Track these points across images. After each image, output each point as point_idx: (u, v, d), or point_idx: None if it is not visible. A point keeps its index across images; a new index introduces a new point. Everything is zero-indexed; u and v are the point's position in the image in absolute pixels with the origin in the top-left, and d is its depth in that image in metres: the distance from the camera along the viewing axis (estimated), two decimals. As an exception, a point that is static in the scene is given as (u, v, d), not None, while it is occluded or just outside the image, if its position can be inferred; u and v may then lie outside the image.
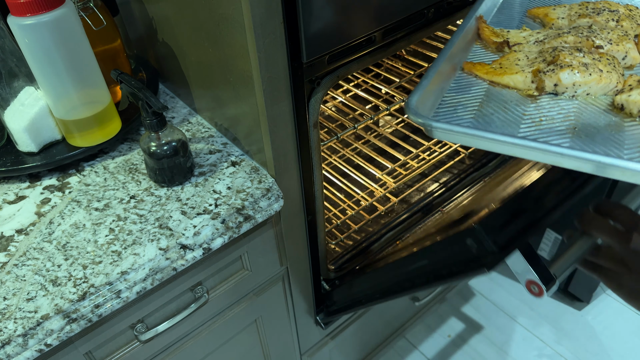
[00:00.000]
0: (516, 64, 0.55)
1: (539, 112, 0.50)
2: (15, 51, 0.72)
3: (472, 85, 0.56)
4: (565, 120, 0.49)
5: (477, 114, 0.52)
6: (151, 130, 0.69)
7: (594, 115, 0.49)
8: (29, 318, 0.59)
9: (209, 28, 0.68)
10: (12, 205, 0.73)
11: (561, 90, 0.51)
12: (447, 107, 0.54)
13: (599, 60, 0.52)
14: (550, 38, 0.58)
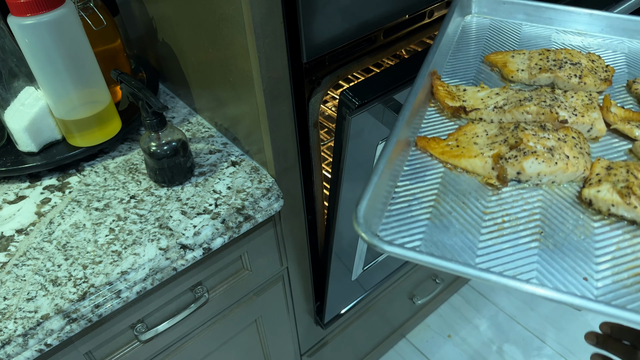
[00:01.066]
0: (475, 142, 0.49)
1: (501, 209, 0.45)
2: (15, 51, 0.72)
3: (427, 169, 0.50)
4: (530, 220, 0.45)
5: (433, 213, 0.46)
6: (151, 130, 0.69)
7: (560, 211, 0.45)
8: (29, 318, 0.59)
9: (209, 28, 0.68)
10: (12, 205, 0.73)
11: (524, 179, 0.46)
12: (401, 202, 0.47)
13: (565, 141, 0.47)
14: (510, 105, 0.53)
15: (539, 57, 0.59)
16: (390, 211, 0.46)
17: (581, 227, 0.44)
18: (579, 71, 0.57)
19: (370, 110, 0.67)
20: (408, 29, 0.78)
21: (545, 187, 0.46)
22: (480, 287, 1.67)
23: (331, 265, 0.92)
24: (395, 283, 1.25)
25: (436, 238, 0.44)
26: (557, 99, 0.52)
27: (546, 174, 0.46)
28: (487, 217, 0.45)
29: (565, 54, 0.59)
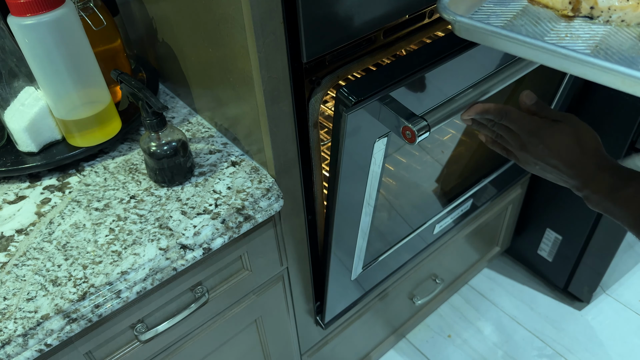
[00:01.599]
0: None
1: (567, 30, 0.51)
2: (15, 51, 0.72)
3: (512, 0, 0.58)
4: (590, 39, 0.49)
5: (507, 24, 0.54)
6: (151, 130, 0.69)
7: (621, 40, 0.48)
8: (29, 318, 0.59)
9: (209, 28, 0.68)
10: (12, 205, 0.73)
11: (596, 14, 0.50)
12: (481, 14, 0.56)
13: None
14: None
15: None
16: (470, 18, 0.55)
17: (636, 49, 0.47)
18: None
19: (367, 108, 0.67)
20: (408, 29, 0.78)
21: (614, 24, 0.50)
22: (481, 287, 1.67)
23: (330, 264, 0.92)
24: (395, 283, 1.25)
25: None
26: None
27: (617, 10, 0.49)
28: (552, 33, 0.51)
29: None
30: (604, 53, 0.47)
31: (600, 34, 0.50)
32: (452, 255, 1.42)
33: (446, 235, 1.27)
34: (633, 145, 1.24)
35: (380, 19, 0.72)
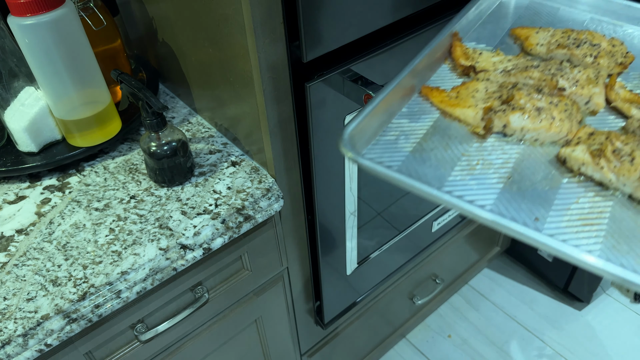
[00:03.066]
0: (472, 96, 0.52)
1: (479, 155, 0.48)
2: (15, 51, 0.72)
3: (424, 113, 0.53)
4: (502, 167, 0.47)
5: (416, 148, 0.50)
6: (151, 130, 0.69)
7: (534, 164, 0.47)
8: (29, 318, 0.59)
9: (209, 28, 0.68)
10: (12, 205, 0.73)
11: (509, 133, 0.48)
12: (391, 134, 0.51)
13: (556, 105, 0.49)
14: (517, 70, 0.54)
15: (561, 35, 0.60)
16: (378, 140, 0.51)
17: (549, 180, 0.46)
18: (595, 52, 0.57)
19: (327, 80, 0.70)
20: (408, 29, 0.78)
21: (527, 144, 0.48)
22: (481, 287, 1.67)
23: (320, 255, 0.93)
24: (395, 283, 1.25)
25: (411, 167, 0.48)
26: (562, 69, 0.53)
27: (529, 130, 0.47)
28: (463, 159, 0.48)
29: (587, 35, 0.59)
30: (517, 187, 0.45)
31: (513, 158, 0.47)
32: (452, 255, 1.42)
33: (446, 235, 1.27)
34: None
35: (380, 19, 0.72)
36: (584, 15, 0.66)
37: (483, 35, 0.64)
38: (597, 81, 0.53)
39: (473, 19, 0.65)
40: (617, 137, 0.45)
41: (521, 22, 0.66)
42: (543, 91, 0.50)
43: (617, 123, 0.51)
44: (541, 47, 0.59)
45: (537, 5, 0.69)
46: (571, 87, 0.51)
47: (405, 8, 0.74)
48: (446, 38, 0.59)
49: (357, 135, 0.49)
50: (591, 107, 0.52)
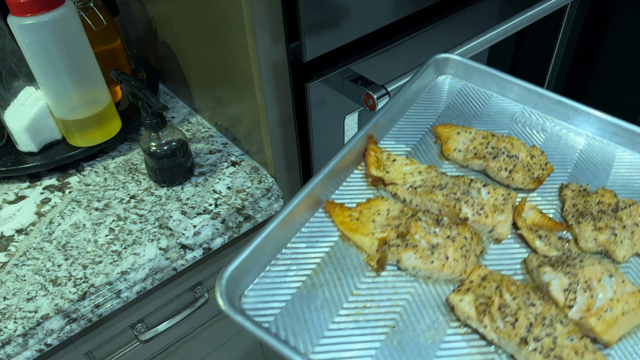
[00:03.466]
0: (373, 219, 0.50)
1: (369, 293, 0.45)
2: (15, 51, 0.72)
3: (323, 235, 0.49)
4: (390, 310, 0.44)
5: (306, 283, 0.46)
6: (151, 130, 0.69)
7: (423, 308, 0.45)
8: (29, 318, 0.59)
9: (209, 28, 0.68)
10: (12, 205, 0.73)
11: (403, 268, 0.46)
12: (282, 264, 0.47)
13: (453, 240, 0.47)
14: (423, 189, 0.52)
15: (480, 141, 0.57)
16: (268, 272, 0.46)
17: (433, 330, 0.43)
18: (511, 165, 0.55)
19: (327, 80, 0.70)
20: (408, 29, 0.78)
21: (421, 280, 0.46)
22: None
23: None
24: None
25: (297, 308, 0.44)
26: (468, 192, 0.51)
27: (421, 269, 0.46)
28: (351, 299, 0.45)
29: (507, 143, 0.56)
30: (398, 340, 0.42)
31: (403, 300, 0.45)
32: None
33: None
34: (633, 145, 1.24)
35: (380, 19, 0.72)
36: (515, 107, 0.64)
37: (405, 130, 0.61)
38: (505, 207, 0.51)
39: (398, 111, 0.61)
40: (507, 288, 0.44)
41: (449, 113, 0.63)
42: (442, 222, 0.48)
43: (521, 253, 0.49)
44: (458, 154, 0.57)
45: (469, 90, 0.66)
46: (474, 215, 0.49)
47: (405, 8, 0.74)
48: (363, 140, 0.56)
49: (242, 272, 0.44)
50: (495, 235, 0.50)
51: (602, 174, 0.57)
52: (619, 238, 0.49)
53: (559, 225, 0.51)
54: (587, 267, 0.45)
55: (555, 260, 0.46)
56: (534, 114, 0.63)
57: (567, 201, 0.53)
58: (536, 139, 0.61)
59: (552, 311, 0.42)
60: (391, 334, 0.43)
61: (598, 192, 0.53)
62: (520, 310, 0.42)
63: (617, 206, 0.52)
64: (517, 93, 0.64)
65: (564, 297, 0.43)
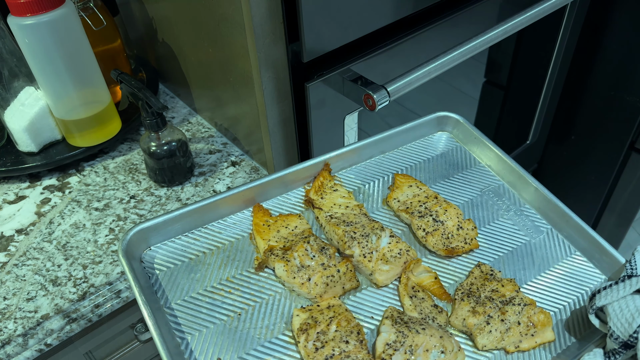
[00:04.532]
0: (278, 230, 0.55)
1: (240, 284, 0.52)
2: (15, 51, 0.72)
3: (238, 228, 0.57)
4: (245, 302, 0.50)
5: (199, 257, 0.54)
6: (151, 130, 0.69)
7: (273, 311, 0.50)
8: (29, 318, 0.59)
9: (209, 28, 0.68)
10: (12, 205, 0.73)
11: (277, 275, 0.52)
12: (191, 238, 0.56)
13: (325, 268, 0.51)
14: (335, 220, 0.56)
15: (421, 198, 0.60)
16: (178, 239, 0.56)
17: (268, 330, 0.49)
18: (431, 228, 0.56)
19: (327, 80, 0.70)
20: (408, 29, 0.78)
21: (287, 290, 0.52)
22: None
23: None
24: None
25: (179, 273, 0.53)
26: (368, 236, 0.54)
27: (285, 281, 0.51)
28: (224, 282, 0.52)
29: (442, 208, 0.58)
30: (235, 325, 0.48)
31: (264, 297, 0.51)
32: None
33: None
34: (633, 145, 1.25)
35: (380, 19, 0.72)
36: (496, 181, 0.64)
37: (372, 167, 0.65)
38: (395, 260, 0.53)
39: (380, 148, 0.65)
40: (338, 322, 0.47)
41: (424, 166, 0.65)
42: (326, 251, 0.53)
43: (389, 303, 0.52)
44: (395, 203, 0.59)
45: (462, 152, 0.67)
46: (360, 256, 0.53)
47: (405, 8, 0.74)
48: (320, 163, 0.61)
49: (158, 230, 0.54)
50: (373, 279, 0.53)
51: (533, 270, 0.55)
52: (488, 327, 0.49)
53: (445, 295, 0.53)
54: (423, 335, 0.46)
55: (401, 318, 0.48)
56: (511, 194, 0.63)
57: (469, 278, 0.54)
58: (495, 216, 0.61)
59: (360, 355, 0.45)
60: (234, 318, 0.49)
61: (501, 281, 0.53)
62: (332, 342, 0.46)
63: (511, 300, 0.51)
64: (506, 172, 0.64)
65: (382, 350, 0.46)
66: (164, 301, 0.50)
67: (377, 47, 0.76)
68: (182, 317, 0.49)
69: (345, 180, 0.63)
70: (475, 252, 0.57)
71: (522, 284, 0.54)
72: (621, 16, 1.16)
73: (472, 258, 0.57)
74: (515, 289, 0.52)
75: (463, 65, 0.81)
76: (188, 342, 0.47)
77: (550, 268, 0.56)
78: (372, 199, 0.62)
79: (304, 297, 0.51)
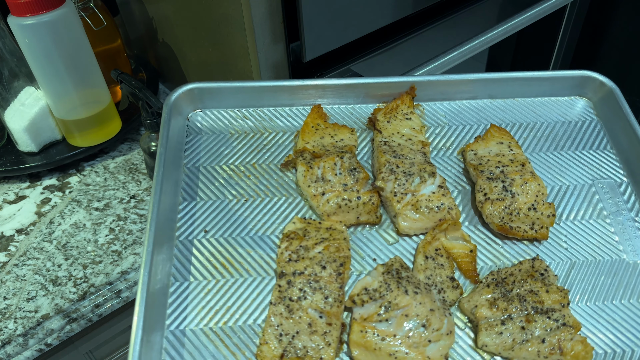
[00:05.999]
0: (323, 136, 0.52)
1: (256, 182, 0.51)
2: (16, 51, 0.72)
3: (291, 117, 0.56)
4: (262, 192, 0.50)
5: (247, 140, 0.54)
6: (151, 130, 0.69)
7: (275, 197, 0.50)
8: (29, 318, 0.59)
9: (209, 28, 0.68)
10: (12, 205, 0.73)
11: (297, 177, 0.51)
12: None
13: (345, 190, 0.47)
14: (385, 148, 0.51)
15: (501, 159, 0.51)
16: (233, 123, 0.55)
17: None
18: (495, 195, 0.48)
19: None
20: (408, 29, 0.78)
21: (302, 198, 0.50)
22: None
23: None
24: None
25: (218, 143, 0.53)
26: (412, 175, 0.48)
27: (301, 188, 0.49)
28: (241, 167, 0.52)
29: (521, 179, 0.49)
30: (249, 204, 0.50)
31: (280, 191, 0.51)
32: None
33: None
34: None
35: (380, 19, 0.72)
36: (620, 175, 0.53)
37: (474, 112, 0.56)
38: (429, 213, 0.47)
39: None
40: (326, 246, 0.45)
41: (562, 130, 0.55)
42: (356, 173, 0.49)
43: (396, 251, 0.47)
44: (470, 155, 0.52)
45: (593, 129, 0.57)
46: (389, 193, 0.48)
47: (405, 8, 0.74)
48: (409, 82, 0.56)
49: (214, 94, 0.54)
50: (395, 223, 0.48)
51: (606, 294, 0.45)
52: (500, 328, 0.40)
53: (472, 273, 0.45)
54: (409, 298, 0.40)
55: (398, 272, 0.42)
56: (631, 198, 0.51)
57: (513, 267, 0.45)
58: (595, 214, 0.49)
59: (331, 286, 0.42)
60: (239, 201, 0.49)
61: (551, 286, 0.43)
62: (308, 260, 0.43)
63: (548, 311, 0.41)
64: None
65: (357, 292, 0.41)
66: (188, 161, 0.51)
67: (377, 47, 0.76)
68: (194, 181, 0.49)
69: (429, 112, 0.55)
70: (542, 245, 0.47)
71: (579, 302, 0.44)
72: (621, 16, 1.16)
73: (533, 249, 0.47)
74: (562, 302, 0.41)
75: (463, 65, 0.81)
76: (188, 204, 0.48)
77: (631, 300, 0.44)
78: (448, 144, 0.54)
79: (315, 212, 0.48)
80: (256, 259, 0.45)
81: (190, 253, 0.45)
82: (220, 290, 0.44)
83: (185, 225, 0.47)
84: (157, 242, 0.43)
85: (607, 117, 0.56)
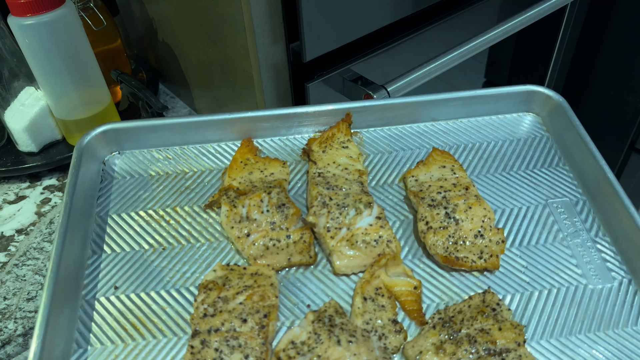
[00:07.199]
0: (252, 172, 0.49)
1: (176, 228, 0.48)
2: (16, 51, 0.72)
3: (218, 154, 0.53)
4: (180, 237, 0.47)
5: (164, 176, 0.51)
6: (151, 130, 0.69)
7: (204, 247, 0.48)
8: (29, 318, 0.59)
9: (209, 28, 0.68)
10: (12, 205, 0.73)
11: (220, 218, 0.48)
12: (165, 154, 0.54)
13: (273, 229, 0.44)
14: (319, 180, 0.48)
15: (444, 183, 0.48)
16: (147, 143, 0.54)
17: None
18: (437, 224, 0.45)
19: (327, 80, 0.70)
20: (408, 29, 0.78)
21: (228, 240, 0.47)
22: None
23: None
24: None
25: (138, 186, 0.51)
26: (346, 207, 0.44)
27: (224, 229, 0.46)
28: (160, 212, 0.48)
29: (466, 204, 0.46)
30: (157, 256, 0.46)
31: (201, 238, 0.48)
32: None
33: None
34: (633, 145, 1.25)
35: (380, 19, 0.72)
36: (575, 193, 0.51)
37: (415, 136, 0.54)
38: (367, 248, 0.43)
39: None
40: (249, 296, 0.41)
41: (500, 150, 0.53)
42: (285, 209, 0.45)
43: (331, 293, 0.43)
44: (411, 181, 0.49)
45: (544, 145, 0.55)
46: (322, 229, 0.44)
47: (405, 8, 0.74)
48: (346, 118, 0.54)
49: (132, 135, 0.51)
50: (330, 261, 0.45)
51: (569, 328, 0.41)
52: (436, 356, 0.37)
53: (417, 313, 0.40)
54: (342, 349, 0.36)
55: (331, 319, 0.39)
56: (589, 217, 0.48)
57: (462, 304, 0.41)
58: (551, 237, 0.46)
59: (252, 342, 0.37)
60: (155, 251, 0.45)
61: (503, 322, 0.39)
62: (227, 314, 0.39)
63: (502, 352, 0.36)
64: (597, 186, 0.49)
65: (283, 347, 0.37)
66: (100, 209, 0.46)
67: (377, 47, 0.76)
68: (106, 231, 0.45)
69: (369, 140, 0.53)
70: (493, 275, 0.43)
71: (538, 339, 0.39)
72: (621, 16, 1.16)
73: (484, 280, 0.43)
74: (517, 340, 0.37)
75: (463, 65, 0.81)
76: (98, 258, 0.43)
77: (599, 333, 0.39)
78: (389, 171, 0.51)
79: (241, 256, 0.44)
80: (172, 316, 0.41)
81: (97, 314, 0.41)
82: (128, 357, 0.39)
83: (94, 282, 0.43)
84: (55, 303, 0.38)
85: (557, 132, 0.53)
